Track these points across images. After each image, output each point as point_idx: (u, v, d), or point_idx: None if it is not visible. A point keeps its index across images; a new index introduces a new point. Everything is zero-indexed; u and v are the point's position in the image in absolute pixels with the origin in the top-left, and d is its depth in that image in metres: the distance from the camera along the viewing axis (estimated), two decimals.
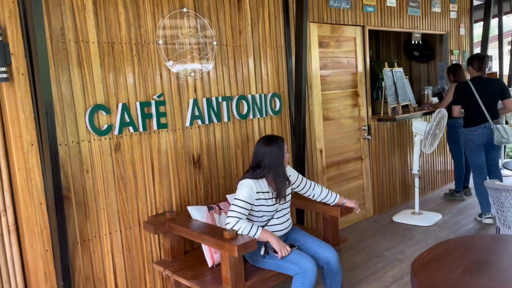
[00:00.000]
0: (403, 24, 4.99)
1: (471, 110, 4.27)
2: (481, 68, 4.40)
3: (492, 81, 4.38)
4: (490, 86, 4.29)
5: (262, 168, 2.43)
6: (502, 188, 2.71)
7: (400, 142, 5.05)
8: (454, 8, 5.80)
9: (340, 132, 4.34)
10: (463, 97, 4.30)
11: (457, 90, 4.39)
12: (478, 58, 4.44)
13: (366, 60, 4.56)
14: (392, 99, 4.64)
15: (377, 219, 4.58)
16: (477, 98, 4.23)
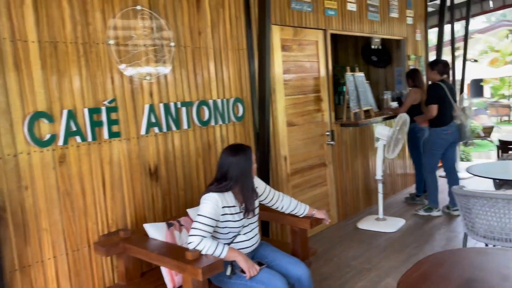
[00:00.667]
0: (363, 29, 4.98)
1: (443, 110, 4.42)
2: (445, 72, 4.51)
3: (450, 85, 4.62)
4: (451, 89, 4.57)
5: (228, 180, 2.23)
6: (470, 195, 2.67)
7: (362, 147, 5.02)
8: (410, 14, 5.89)
9: (304, 138, 4.22)
10: (439, 97, 4.39)
11: (433, 90, 4.46)
12: (443, 62, 4.54)
13: (329, 65, 4.48)
14: (354, 104, 4.60)
15: (342, 226, 4.50)
16: (449, 99, 4.43)
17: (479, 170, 3.29)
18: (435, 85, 4.47)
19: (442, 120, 4.45)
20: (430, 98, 4.43)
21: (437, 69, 4.50)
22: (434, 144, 4.50)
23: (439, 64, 4.54)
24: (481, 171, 3.26)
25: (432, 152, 4.54)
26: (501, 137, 4.85)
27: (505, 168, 3.36)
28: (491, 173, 3.28)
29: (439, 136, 4.48)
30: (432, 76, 4.54)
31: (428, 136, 4.59)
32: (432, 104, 4.40)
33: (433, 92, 4.45)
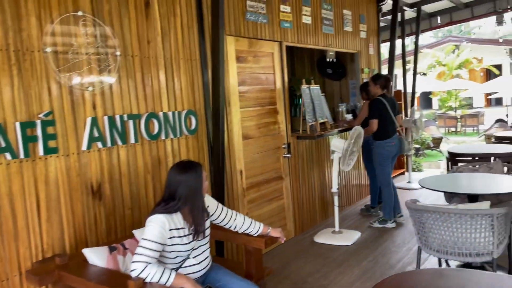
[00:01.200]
0: (318, 42, 5.00)
1: (385, 123, 4.57)
2: (386, 87, 4.61)
3: (392, 99, 4.75)
4: (392, 103, 4.71)
5: (177, 200, 2.07)
6: (423, 209, 2.68)
7: (319, 160, 5.00)
8: (363, 28, 6.01)
9: (261, 151, 4.13)
10: (380, 112, 4.49)
11: (374, 105, 4.53)
12: (384, 78, 4.64)
13: (284, 77, 4.44)
14: (310, 116, 4.58)
15: (299, 240, 4.43)
16: (390, 112, 4.53)
17: (431, 183, 3.33)
18: (376, 100, 4.57)
19: (386, 132, 4.58)
20: (372, 113, 4.54)
21: (379, 84, 4.61)
22: (382, 156, 4.59)
23: (381, 79, 4.65)
24: (432, 184, 3.30)
25: (381, 164, 4.60)
26: (451, 148, 5.00)
27: (455, 180, 3.43)
28: (442, 185, 3.33)
29: (384, 148, 4.59)
30: (375, 91, 4.64)
31: (374, 149, 4.66)
32: (373, 118, 4.49)
33: (374, 107, 4.54)
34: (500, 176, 3.39)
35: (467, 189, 3.19)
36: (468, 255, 2.63)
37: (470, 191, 3.10)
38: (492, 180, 3.32)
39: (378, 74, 4.80)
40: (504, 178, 3.32)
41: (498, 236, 2.57)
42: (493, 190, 3.09)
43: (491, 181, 3.31)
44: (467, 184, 3.30)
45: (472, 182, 3.36)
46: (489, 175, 3.50)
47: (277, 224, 4.34)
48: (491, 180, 3.33)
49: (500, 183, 3.23)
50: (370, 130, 4.55)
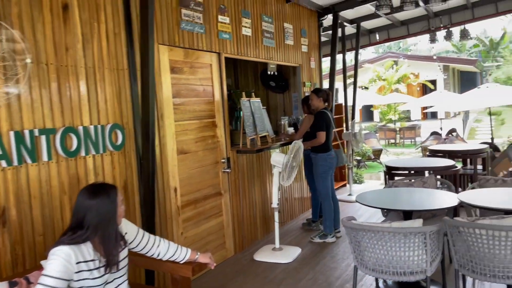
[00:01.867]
0: (259, 54, 4.92)
1: (328, 136, 4.62)
2: (327, 100, 4.63)
3: (331, 114, 4.81)
4: (332, 117, 4.80)
5: (85, 229, 1.82)
6: (359, 228, 2.61)
7: (260, 174, 4.88)
8: (305, 42, 6.04)
9: (198, 167, 3.93)
10: (327, 124, 4.57)
11: (321, 118, 4.55)
12: (326, 92, 4.65)
13: (224, 89, 4.29)
14: (251, 130, 4.46)
15: (238, 259, 4.25)
16: (333, 125, 4.63)
17: (367, 199, 3.31)
18: (322, 112, 4.58)
19: (327, 145, 4.60)
20: (319, 125, 4.53)
21: (321, 97, 4.62)
22: (323, 168, 4.58)
23: (323, 92, 4.67)
24: (368, 200, 3.28)
25: (323, 177, 4.59)
26: (387, 162, 5.08)
27: (390, 196, 3.43)
28: (378, 201, 3.32)
29: (326, 161, 4.59)
30: (317, 104, 4.64)
31: (316, 162, 4.63)
32: (321, 130, 4.48)
33: (321, 119, 4.53)
34: (433, 191, 3.44)
35: (402, 205, 3.19)
36: (402, 273, 2.59)
37: (405, 207, 3.11)
38: (426, 195, 3.36)
39: (319, 88, 4.81)
40: (437, 193, 3.37)
41: (431, 253, 2.56)
42: (427, 206, 3.11)
43: (425, 196, 3.34)
44: (402, 200, 3.31)
45: (407, 197, 3.38)
46: (423, 190, 3.54)
47: (216, 242, 4.15)
48: (425, 195, 3.37)
49: (433, 198, 3.27)
50: (317, 142, 4.53)
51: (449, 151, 5.70)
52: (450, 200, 3.10)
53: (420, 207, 3.09)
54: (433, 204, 3.11)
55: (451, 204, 2.98)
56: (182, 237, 3.70)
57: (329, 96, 4.67)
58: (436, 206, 3.02)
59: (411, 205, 3.15)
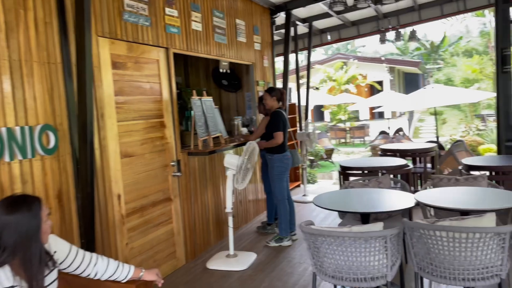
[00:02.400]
0: (210, 51, 4.69)
1: (285, 136, 4.49)
2: (282, 100, 4.50)
3: (285, 114, 4.66)
4: (287, 117, 4.66)
5: (2, 250, 1.51)
6: (318, 233, 2.47)
7: (213, 177, 4.65)
8: (257, 40, 5.88)
9: (145, 171, 3.63)
10: (283, 124, 4.44)
11: (278, 117, 4.40)
12: (280, 91, 4.52)
13: (173, 87, 4.01)
14: (202, 130, 4.21)
15: (190, 268, 3.99)
16: (288, 125, 4.52)
17: (325, 202, 3.19)
18: (279, 112, 4.44)
19: (284, 146, 4.47)
20: (276, 125, 4.37)
21: (275, 96, 4.49)
22: (280, 170, 4.44)
23: (276, 91, 4.53)
24: (326, 203, 3.16)
25: (279, 178, 4.44)
26: (342, 162, 5.04)
27: (347, 197, 3.34)
28: (335, 204, 3.20)
29: (282, 162, 4.45)
30: (271, 103, 4.51)
31: (272, 163, 4.48)
32: (279, 131, 4.33)
33: (278, 118, 4.39)
34: (390, 191, 3.38)
35: (360, 206, 3.10)
36: (363, 279, 2.48)
37: (363, 209, 3.01)
38: (383, 196, 3.29)
39: (273, 87, 4.65)
40: (393, 193, 3.32)
41: (391, 257, 2.47)
42: (386, 207, 3.03)
43: (382, 197, 3.28)
44: (360, 201, 3.22)
45: (364, 198, 3.29)
46: (379, 190, 3.48)
47: (166, 251, 3.86)
48: (381, 196, 3.30)
49: (390, 198, 3.21)
50: (275, 143, 4.37)
51: (400, 150, 5.78)
52: (407, 200, 3.04)
53: (379, 209, 3.00)
54: (391, 205, 3.04)
55: (409, 205, 2.92)
56: (127, 248, 3.38)
57: (283, 95, 4.54)
58: (395, 207, 2.95)
59: (369, 207, 3.06)
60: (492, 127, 12.41)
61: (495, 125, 12.62)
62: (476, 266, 2.35)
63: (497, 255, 2.35)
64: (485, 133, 12.15)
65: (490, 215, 2.29)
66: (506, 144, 4.89)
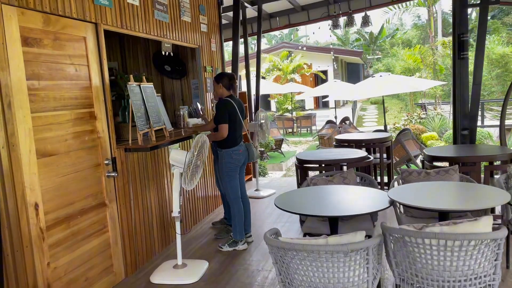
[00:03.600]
0: (150, 30, 4.06)
1: (234, 128, 3.97)
2: (232, 86, 4.00)
3: (239, 101, 4.15)
4: (240, 105, 4.13)
5: None
6: (288, 247, 2.02)
7: (156, 175, 4.06)
8: (204, 20, 5.31)
9: (70, 172, 2.98)
10: (230, 115, 3.89)
11: (222, 107, 3.87)
12: (228, 76, 4.01)
13: (105, 70, 3.36)
14: (142, 122, 3.61)
15: (131, 284, 3.42)
16: (239, 116, 4.01)
17: (287, 204, 2.77)
18: (225, 101, 3.93)
19: (234, 139, 3.96)
20: (221, 117, 3.86)
21: (222, 83, 3.98)
22: (229, 166, 3.95)
23: (225, 77, 4.01)
24: (288, 205, 2.74)
25: (230, 176, 3.96)
26: (299, 155, 4.66)
27: (312, 197, 2.93)
28: (300, 206, 2.79)
29: (232, 157, 3.96)
30: (219, 91, 4.00)
31: (221, 159, 3.99)
32: (223, 123, 3.83)
33: (222, 109, 3.88)
34: (359, 189, 3.03)
35: (330, 209, 2.70)
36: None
37: (333, 211, 2.62)
38: (352, 195, 2.93)
39: (221, 73, 4.12)
40: (363, 191, 2.97)
41: (373, 271, 2.09)
42: (358, 209, 2.67)
43: (351, 196, 2.92)
44: (327, 202, 2.83)
45: (332, 198, 2.91)
46: (347, 187, 3.13)
47: (100, 266, 3.25)
48: (350, 195, 2.94)
49: (360, 197, 2.86)
50: (220, 136, 3.86)
51: (356, 141, 5.52)
52: (381, 199, 2.70)
53: (351, 211, 2.63)
54: (364, 206, 2.68)
55: (384, 205, 2.58)
56: (49, 269, 2.74)
57: (233, 82, 4.03)
58: (369, 209, 2.59)
59: (341, 209, 2.68)
60: (433, 115, 12.79)
61: (435, 113, 13.10)
62: (468, 277, 2.04)
63: (491, 263, 2.06)
64: (426, 121, 12.49)
65: (486, 219, 1.98)
66: (462, 132, 4.77)
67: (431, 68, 14.16)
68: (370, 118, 20.11)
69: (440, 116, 12.27)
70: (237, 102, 4.03)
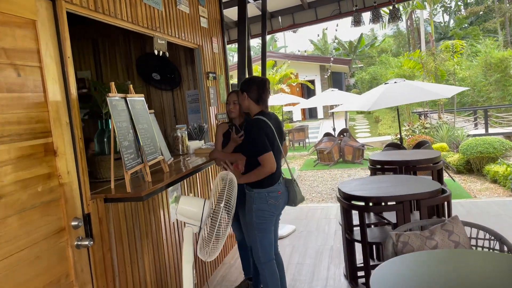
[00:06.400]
0: (137, 18, 2.81)
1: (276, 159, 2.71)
2: (261, 98, 2.76)
3: (276, 118, 2.90)
4: (278, 125, 2.88)
5: None
6: None
7: (152, 231, 2.76)
8: (204, 13, 4.09)
9: (13, 251, 1.68)
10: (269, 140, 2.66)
11: (259, 129, 2.61)
12: (258, 83, 2.76)
13: (69, 75, 2.09)
14: (132, 155, 2.33)
15: None
16: (277, 142, 2.78)
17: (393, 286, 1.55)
18: (258, 121, 2.70)
19: (271, 175, 2.70)
20: (261, 143, 2.62)
21: (250, 94, 2.75)
22: (263, 215, 2.70)
23: (253, 85, 2.76)
24: None
25: (262, 229, 2.71)
26: (345, 186, 3.46)
27: (422, 276, 1.73)
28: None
29: (267, 202, 2.71)
30: (245, 105, 2.79)
31: (251, 204, 2.73)
32: (266, 151, 2.59)
33: (260, 133, 2.64)
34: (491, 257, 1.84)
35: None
36: None
37: None
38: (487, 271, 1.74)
39: (248, 79, 2.85)
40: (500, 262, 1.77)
41: None
42: None
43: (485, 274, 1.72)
44: None
45: (452, 277, 1.72)
46: (467, 254, 1.93)
47: None
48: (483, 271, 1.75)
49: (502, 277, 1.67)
50: (265, 173, 2.62)
51: (399, 162, 4.37)
52: None
53: None
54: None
55: None
56: None
57: (264, 91, 2.78)
58: None
59: None
60: (438, 124, 11.90)
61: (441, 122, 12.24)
62: None
63: None
64: (432, 131, 11.57)
65: None
66: None
67: (433, 74, 13.37)
68: (362, 129, 19.21)
69: (446, 125, 11.36)
70: (273, 120, 2.80)
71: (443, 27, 33.55)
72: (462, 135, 10.74)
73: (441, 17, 36.32)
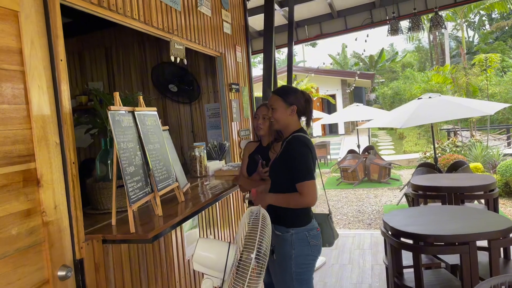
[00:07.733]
0: (151, 17, 2.38)
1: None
2: (307, 113, 2.28)
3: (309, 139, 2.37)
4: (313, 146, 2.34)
5: None
6: None
7: (161, 276, 2.27)
8: (227, 18, 3.66)
9: None
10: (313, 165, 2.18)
11: (305, 149, 2.13)
12: (305, 95, 2.28)
13: (62, 83, 1.65)
14: (138, 184, 1.86)
15: None
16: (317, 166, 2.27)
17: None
18: (304, 140, 2.20)
19: (309, 209, 2.22)
20: (305, 169, 2.11)
21: (298, 105, 2.26)
22: (304, 261, 2.17)
23: (299, 96, 2.28)
24: None
25: (303, 280, 2.18)
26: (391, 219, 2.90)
27: None
28: None
29: (309, 244, 2.18)
30: (285, 119, 2.28)
31: (285, 250, 2.20)
32: (309, 179, 2.09)
33: (306, 154, 2.14)
34: None
35: None
36: None
37: None
38: None
39: (290, 88, 2.36)
40: None
41: None
42: None
43: None
44: None
45: None
46: None
47: None
48: None
49: None
50: (305, 203, 2.11)
51: (446, 189, 3.79)
52: None
53: None
54: None
55: None
56: None
57: (309, 105, 2.30)
58: None
59: None
60: (470, 142, 11.18)
61: (474, 141, 11.53)
62: None
63: None
64: (464, 150, 10.86)
65: None
66: None
67: (464, 90, 12.69)
68: (385, 146, 18.49)
69: (480, 143, 10.64)
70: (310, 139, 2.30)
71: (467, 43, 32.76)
72: (497, 154, 10.01)
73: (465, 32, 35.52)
